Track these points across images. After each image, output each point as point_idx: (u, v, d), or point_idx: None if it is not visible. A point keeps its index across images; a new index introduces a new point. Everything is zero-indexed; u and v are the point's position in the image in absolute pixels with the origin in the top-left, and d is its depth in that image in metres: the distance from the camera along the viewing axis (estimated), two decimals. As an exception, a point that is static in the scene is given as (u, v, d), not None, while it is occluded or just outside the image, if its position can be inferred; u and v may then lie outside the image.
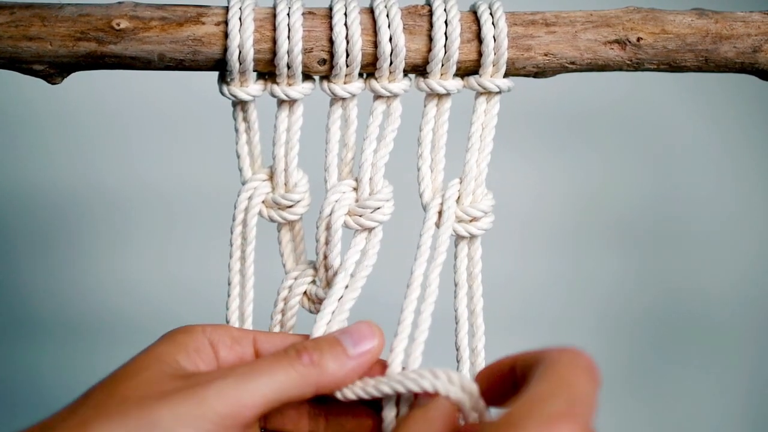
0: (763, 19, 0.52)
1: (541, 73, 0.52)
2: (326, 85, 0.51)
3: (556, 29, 0.51)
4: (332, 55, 0.50)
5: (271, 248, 0.54)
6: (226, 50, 0.49)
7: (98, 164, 0.94)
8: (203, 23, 0.49)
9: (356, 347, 0.44)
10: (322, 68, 0.50)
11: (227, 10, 0.49)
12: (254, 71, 0.50)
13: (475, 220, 0.53)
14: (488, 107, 0.53)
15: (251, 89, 0.51)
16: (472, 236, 0.54)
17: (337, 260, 0.52)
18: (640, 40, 0.51)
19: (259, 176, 0.52)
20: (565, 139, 0.99)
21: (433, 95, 0.53)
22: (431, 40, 0.50)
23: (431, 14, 0.50)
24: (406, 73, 0.51)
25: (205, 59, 0.49)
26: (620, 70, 0.52)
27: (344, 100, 0.52)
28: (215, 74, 0.51)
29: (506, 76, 0.52)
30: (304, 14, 0.50)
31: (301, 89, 0.51)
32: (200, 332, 0.45)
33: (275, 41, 0.49)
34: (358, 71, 0.51)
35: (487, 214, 0.53)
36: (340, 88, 0.51)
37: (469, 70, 0.52)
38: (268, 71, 0.51)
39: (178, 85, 0.88)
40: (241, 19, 0.49)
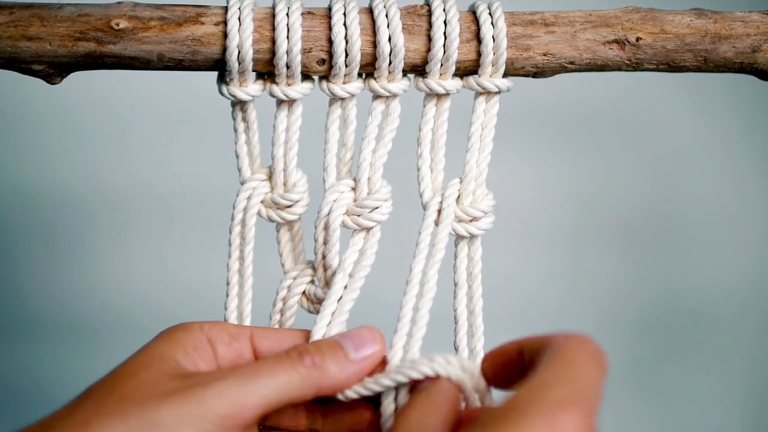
0: (762, 19, 0.52)
1: (540, 73, 0.52)
2: (325, 85, 0.51)
3: (555, 29, 0.51)
4: (331, 55, 0.50)
5: (269, 248, 0.54)
6: (225, 50, 0.49)
7: (98, 164, 0.94)
8: (202, 23, 0.49)
9: (357, 352, 0.44)
10: (321, 68, 0.50)
11: (226, 10, 0.49)
12: (253, 71, 0.50)
13: (475, 220, 0.53)
14: (488, 107, 0.53)
15: (250, 89, 0.51)
16: (472, 236, 0.54)
17: (335, 260, 0.52)
18: (639, 40, 0.51)
19: (258, 176, 0.52)
20: (564, 139, 0.99)
21: (432, 95, 0.53)
22: (430, 40, 0.50)
23: (430, 14, 0.50)
24: (405, 73, 0.51)
25: (204, 59, 0.49)
26: (619, 70, 0.52)
27: (343, 100, 0.52)
28: (214, 74, 0.51)
29: (505, 76, 0.52)
30: (303, 14, 0.50)
31: (300, 89, 0.51)
32: (198, 329, 0.45)
33: (274, 41, 0.49)
34: (357, 71, 0.50)
35: (487, 214, 0.53)
36: (339, 88, 0.51)
37: (468, 70, 0.52)
38: (267, 71, 0.51)
39: (177, 85, 0.88)
40: (240, 19, 0.49)
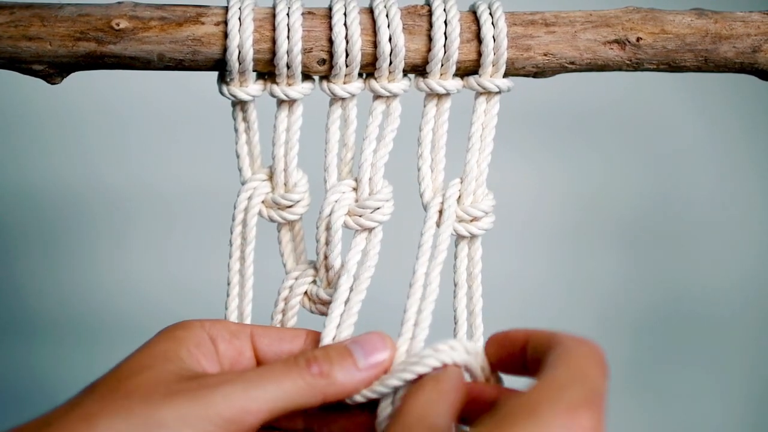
0: (762, 19, 0.52)
1: (540, 73, 0.52)
2: (326, 85, 0.51)
3: (555, 29, 0.51)
4: (332, 55, 0.50)
5: (270, 248, 0.54)
6: (225, 50, 0.49)
7: (98, 164, 0.94)
8: (203, 23, 0.49)
9: (367, 359, 0.44)
10: (321, 68, 0.50)
11: (227, 10, 0.49)
12: (254, 71, 0.50)
13: (475, 220, 0.53)
14: (488, 107, 0.53)
15: (251, 89, 0.51)
16: (472, 236, 0.54)
17: (337, 260, 0.52)
18: (639, 40, 0.51)
19: (258, 176, 0.52)
20: (565, 139, 0.99)
21: (432, 95, 0.53)
22: (431, 40, 0.50)
23: (431, 14, 0.50)
24: (405, 73, 0.51)
25: (204, 59, 0.49)
26: (620, 70, 0.52)
27: (344, 100, 0.52)
28: (215, 74, 0.51)
29: (506, 76, 0.52)
30: (303, 14, 0.50)
31: (300, 89, 0.51)
32: (199, 327, 0.45)
33: (275, 41, 0.49)
34: (357, 71, 0.50)
35: (487, 214, 0.53)
36: (339, 88, 0.51)
37: (468, 70, 0.52)
38: (267, 71, 0.51)
39: (177, 85, 0.88)
40: (240, 19, 0.49)
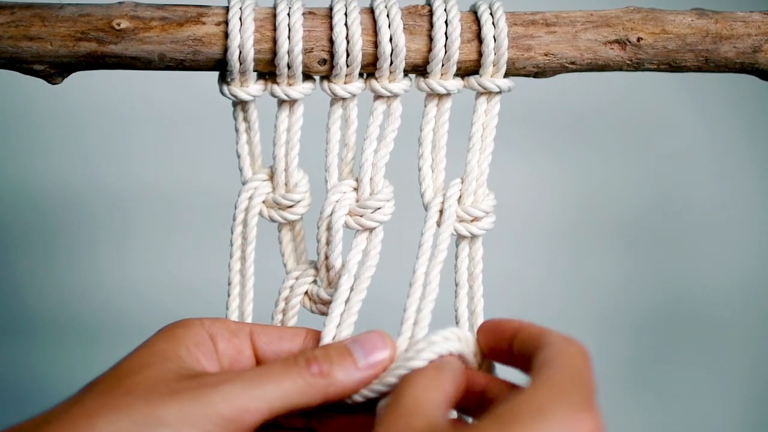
0: (763, 19, 0.52)
1: (541, 73, 0.52)
2: (326, 85, 0.51)
3: (556, 29, 0.51)
4: (332, 55, 0.50)
5: (271, 248, 0.54)
6: (226, 50, 0.49)
7: (98, 164, 0.94)
8: (203, 23, 0.49)
9: (367, 358, 0.44)
10: (322, 68, 0.50)
11: (227, 10, 0.49)
12: (254, 71, 0.50)
13: (476, 219, 0.53)
14: (489, 107, 0.53)
15: (251, 89, 0.51)
16: (473, 236, 0.54)
17: (338, 260, 0.52)
18: (640, 40, 0.51)
19: (259, 176, 0.52)
20: (565, 139, 0.99)
21: (433, 95, 0.53)
22: (431, 40, 0.50)
23: (431, 14, 0.50)
24: (406, 73, 0.51)
25: (205, 59, 0.49)
26: (620, 70, 0.52)
27: (344, 100, 0.52)
28: (215, 74, 0.51)
29: (506, 76, 0.52)
30: (304, 14, 0.50)
31: (301, 89, 0.51)
32: (198, 325, 0.45)
33: (275, 41, 0.49)
34: (358, 71, 0.50)
35: (488, 214, 0.53)
36: (340, 88, 0.51)
37: (469, 70, 0.52)
38: (268, 71, 0.51)
39: (178, 85, 0.88)
40: (241, 19, 0.49)
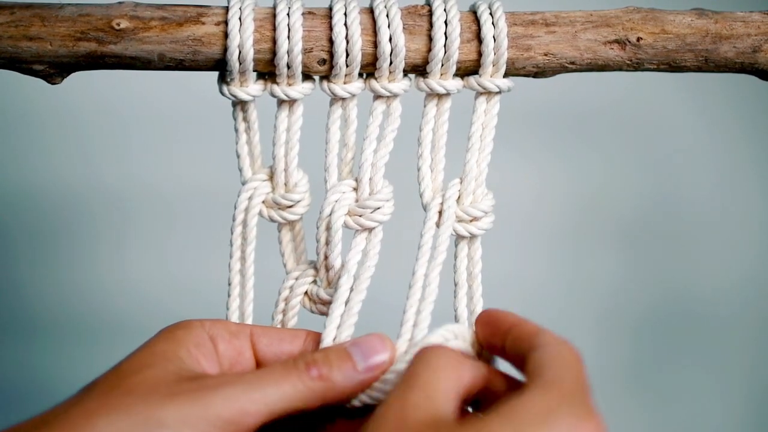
0: (762, 19, 0.52)
1: (540, 73, 0.52)
2: (326, 85, 0.51)
3: (555, 29, 0.51)
4: (332, 55, 0.50)
5: (271, 248, 0.54)
6: (226, 50, 0.49)
7: (98, 164, 0.94)
8: (203, 23, 0.49)
9: (366, 361, 0.44)
10: (321, 68, 0.50)
11: (227, 10, 0.49)
12: (254, 71, 0.50)
13: (475, 220, 0.53)
14: (488, 107, 0.53)
15: (251, 89, 0.51)
16: (472, 236, 0.54)
17: (337, 260, 0.52)
18: (639, 40, 0.51)
19: (259, 176, 0.52)
20: (565, 139, 0.99)
21: (432, 95, 0.53)
22: (431, 40, 0.50)
23: (431, 14, 0.50)
24: (405, 73, 0.51)
25: (205, 59, 0.49)
26: (620, 70, 0.52)
27: (344, 100, 0.52)
28: (215, 74, 0.51)
29: (506, 76, 0.52)
30: (303, 14, 0.50)
31: (300, 89, 0.51)
32: (199, 327, 0.45)
33: (275, 41, 0.49)
34: (357, 71, 0.51)
35: (487, 214, 0.53)
36: (339, 88, 0.51)
37: (468, 70, 0.52)
38: (268, 71, 0.51)
39: (178, 85, 0.88)
40: (241, 19, 0.49)
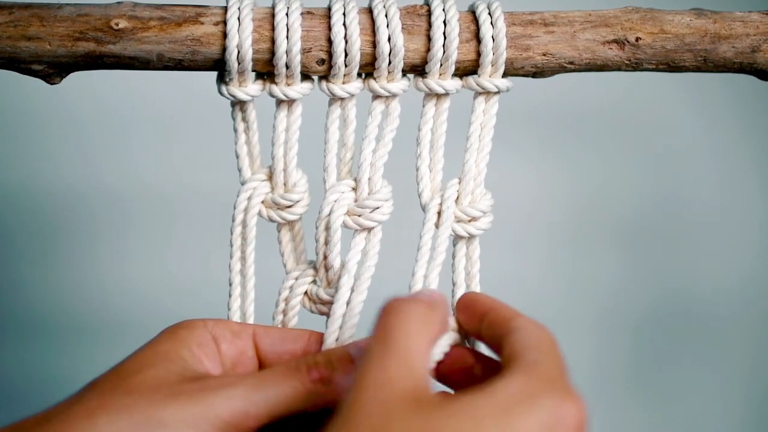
0: (761, 19, 0.52)
1: (539, 73, 0.52)
2: (325, 85, 0.51)
3: (554, 29, 0.51)
4: (331, 55, 0.50)
5: (271, 248, 0.54)
6: (224, 50, 0.49)
7: (98, 164, 0.94)
8: (202, 23, 0.49)
9: None
10: (320, 68, 0.50)
11: (226, 10, 0.49)
12: (253, 71, 0.50)
13: (473, 220, 0.53)
14: (487, 107, 0.53)
15: (250, 89, 0.51)
16: (470, 236, 0.54)
17: (337, 260, 0.52)
18: (638, 40, 0.51)
19: (258, 176, 0.52)
20: (564, 139, 0.99)
21: (431, 95, 0.53)
22: (430, 40, 0.50)
23: (430, 14, 0.50)
24: (404, 73, 0.51)
25: (203, 59, 0.49)
26: (619, 70, 0.52)
27: (343, 100, 0.52)
28: (214, 74, 0.51)
29: (505, 75, 0.52)
30: (302, 14, 0.50)
31: (299, 89, 0.51)
32: (202, 327, 0.45)
33: (274, 41, 0.49)
34: (356, 71, 0.51)
35: (485, 214, 0.53)
36: (338, 88, 0.51)
37: (467, 70, 0.52)
38: (266, 71, 0.51)
39: (177, 85, 0.88)
40: (239, 19, 0.49)
